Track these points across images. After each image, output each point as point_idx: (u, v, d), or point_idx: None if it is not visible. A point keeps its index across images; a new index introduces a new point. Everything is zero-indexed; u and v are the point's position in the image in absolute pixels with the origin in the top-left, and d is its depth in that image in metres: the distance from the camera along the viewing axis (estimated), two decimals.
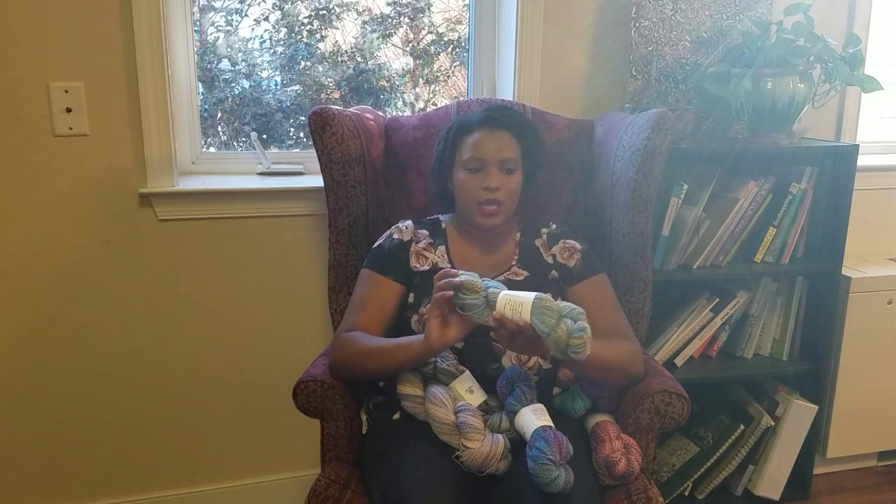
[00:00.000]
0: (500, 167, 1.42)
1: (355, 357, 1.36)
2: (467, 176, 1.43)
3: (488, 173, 1.41)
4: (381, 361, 1.34)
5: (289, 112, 2.11)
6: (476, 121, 1.45)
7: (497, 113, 1.46)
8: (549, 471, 1.14)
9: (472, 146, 1.43)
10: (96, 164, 1.73)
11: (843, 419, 2.18)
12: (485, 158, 1.42)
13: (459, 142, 1.46)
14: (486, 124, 1.43)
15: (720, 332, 1.99)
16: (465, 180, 1.43)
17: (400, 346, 1.32)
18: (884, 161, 2.34)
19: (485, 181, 1.41)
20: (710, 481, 2.01)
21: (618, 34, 1.99)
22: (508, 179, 1.43)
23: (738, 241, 1.92)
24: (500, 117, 1.44)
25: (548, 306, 1.17)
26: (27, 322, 1.77)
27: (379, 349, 1.34)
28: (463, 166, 1.44)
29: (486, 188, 1.41)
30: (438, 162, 1.52)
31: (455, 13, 2.20)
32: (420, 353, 1.28)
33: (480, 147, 1.42)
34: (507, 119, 1.45)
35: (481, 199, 1.41)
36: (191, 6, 1.84)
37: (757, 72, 1.83)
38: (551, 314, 1.16)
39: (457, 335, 1.24)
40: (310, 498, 1.29)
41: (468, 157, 1.43)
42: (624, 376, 1.39)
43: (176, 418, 1.92)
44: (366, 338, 1.37)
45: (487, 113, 1.45)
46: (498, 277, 1.45)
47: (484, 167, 1.42)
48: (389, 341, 1.36)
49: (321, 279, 1.84)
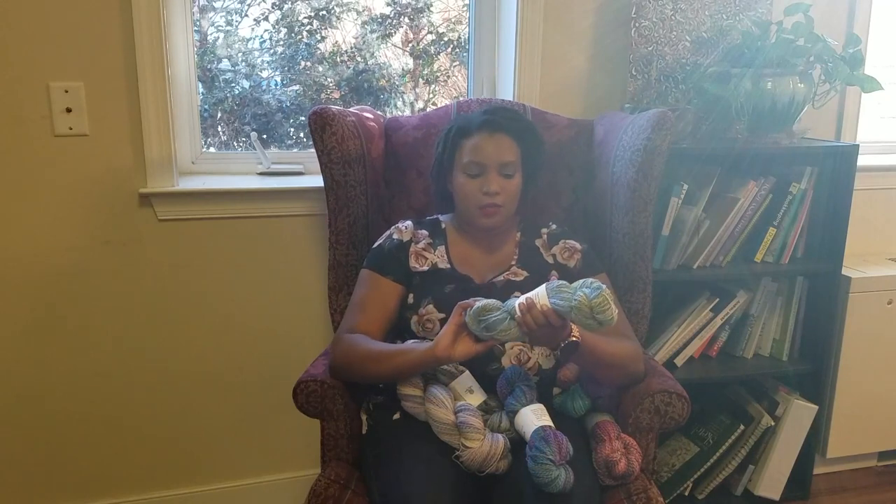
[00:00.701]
0: (500, 171, 1.41)
1: (356, 360, 1.35)
2: (467, 180, 1.43)
3: (488, 178, 1.41)
4: (381, 366, 1.33)
5: (289, 112, 2.11)
6: (475, 124, 1.44)
7: (496, 116, 1.45)
8: (549, 471, 1.14)
9: (471, 150, 1.42)
10: (96, 164, 1.73)
11: (843, 419, 2.18)
12: (484, 163, 1.41)
13: (458, 144, 1.45)
14: (486, 127, 1.43)
15: (720, 332, 1.99)
16: (464, 184, 1.43)
17: (402, 351, 1.32)
18: (884, 161, 2.34)
19: (484, 186, 1.40)
20: (710, 481, 2.01)
21: (618, 34, 1.99)
22: (508, 183, 1.42)
23: (738, 241, 1.92)
24: (500, 120, 1.44)
25: (561, 285, 1.20)
26: (27, 322, 1.77)
27: (380, 353, 1.34)
28: (462, 170, 1.43)
29: (485, 193, 1.40)
30: (438, 164, 1.51)
31: (455, 13, 2.20)
32: (423, 361, 1.28)
33: (480, 151, 1.42)
34: (507, 122, 1.44)
35: (481, 204, 1.41)
36: (191, 6, 1.84)
37: (757, 72, 1.83)
38: (567, 290, 1.19)
39: (464, 353, 1.24)
40: (310, 498, 1.29)
41: (468, 162, 1.42)
42: (625, 374, 1.39)
43: (176, 418, 1.92)
44: (368, 341, 1.37)
45: (487, 116, 1.44)
46: (497, 278, 1.46)
47: (483, 171, 1.41)
48: (392, 346, 1.36)
49: (321, 279, 1.84)
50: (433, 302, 1.41)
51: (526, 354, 1.39)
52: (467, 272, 1.46)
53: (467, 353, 1.24)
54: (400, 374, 1.34)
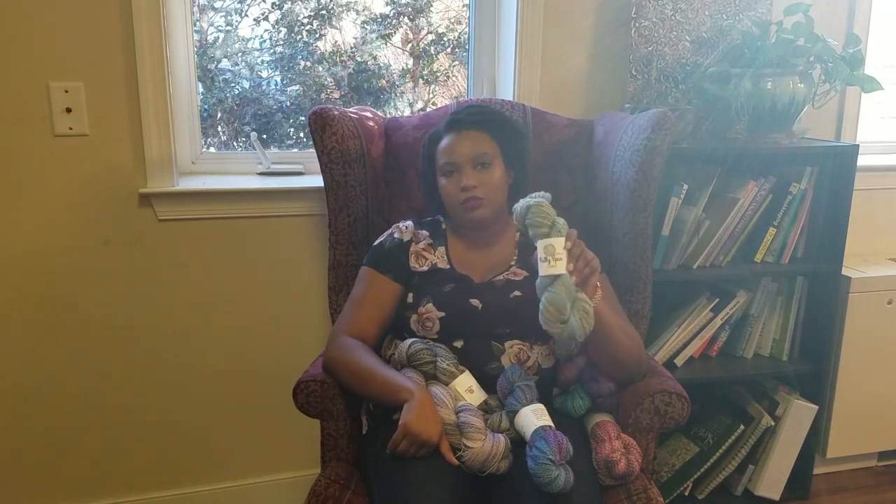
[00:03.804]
0: (473, 164, 1.44)
1: (344, 369, 1.36)
2: (446, 181, 1.46)
3: (462, 174, 1.44)
4: (364, 386, 1.34)
5: (289, 112, 2.11)
6: (443, 128, 1.50)
7: (460, 115, 1.50)
8: (549, 471, 1.14)
9: (443, 152, 1.47)
10: (96, 164, 1.73)
11: (843, 419, 2.18)
12: (456, 161, 1.44)
13: (433, 151, 1.50)
14: (452, 128, 1.47)
15: (720, 332, 1.99)
16: (445, 185, 1.47)
17: (387, 383, 1.30)
18: (884, 161, 2.34)
19: (461, 181, 1.43)
20: (710, 481, 2.01)
21: (618, 34, 1.99)
22: (485, 174, 1.44)
23: (738, 241, 1.92)
24: (464, 118, 1.48)
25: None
26: (27, 322, 1.77)
27: (368, 373, 1.33)
28: (440, 173, 1.48)
29: (462, 189, 1.43)
30: (423, 176, 1.56)
31: (455, 13, 2.20)
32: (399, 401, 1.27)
33: (450, 151, 1.45)
34: (471, 117, 1.48)
35: (461, 200, 1.44)
36: (191, 6, 1.84)
37: (757, 72, 1.83)
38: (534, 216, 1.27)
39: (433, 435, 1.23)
40: (310, 498, 1.29)
41: (442, 163, 1.47)
42: (629, 357, 1.38)
43: (176, 418, 1.92)
44: (362, 353, 1.36)
45: (452, 117, 1.50)
46: (497, 277, 1.46)
47: (458, 169, 1.44)
48: (381, 371, 1.34)
49: (321, 279, 1.84)
50: (433, 300, 1.41)
51: (526, 354, 1.39)
52: (467, 272, 1.46)
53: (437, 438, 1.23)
54: (375, 401, 1.37)
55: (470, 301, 1.40)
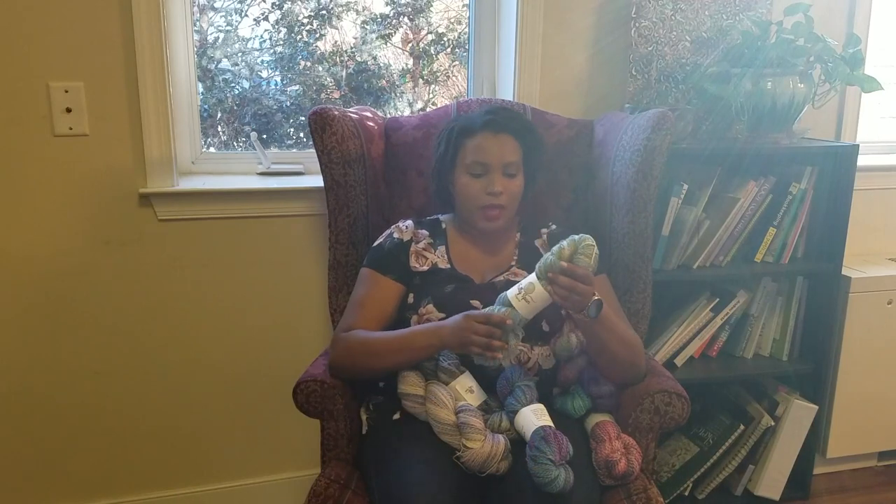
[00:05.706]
0: (504, 171, 1.42)
1: (357, 350, 1.36)
2: (470, 180, 1.43)
3: (492, 178, 1.41)
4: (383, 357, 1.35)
5: (289, 112, 2.11)
6: (479, 123, 1.44)
7: (499, 116, 1.45)
8: (549, 471, 1.14)
9: (474, 150, 1.42)
10: (96, 164, 1.73)
11: (843, 419, 2.18)
12: (488, 163, 1.41)
13: (461, 144, 1.45)
14: (489, 127, 1.43)
15: (720, 332, 1.99)
16: (467, 185, 1.43)
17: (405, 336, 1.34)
18: (884, 161, 2.34)
19: (488, 186, 1.41)
20: (710, 481, 2.01)
21: (618, 34, 1.99)
22: (511, 183, 1.43)
23: (738, 241, 1.92)
24: (503, 120, 1.44)
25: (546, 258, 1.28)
26: (27, 321, 1.77)
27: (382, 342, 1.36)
28: (466, 170, 1.43)
29: (489, 193, 1.40)
30: (439, 163, 1.51)
31: (455, 13, 2.20)
32: (430, 343, 1.31)
33: (483, 151, 1.42)
34: (509, 122, 1.45)
35: (484, 204, 1.41)
36: (191, 6, 1.84)
37: (757, 72, 1.83)
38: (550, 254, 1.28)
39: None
40: (310, 498, 1.29)
41: (471, 162, 1.42)
42: (630, 356, 1.38)
43: (175, 418, 1.92)
44: (366, 334, 1.38)
45: (490, 116, 1.44)
46: (497, 278, 1.46)
47: (487, 171, 1.42)
48: (394, 333, 1.37)
49: (321, 279, 1.84)
50: (433, 301, 1.41)
51: (526, 354, 1.39)
52: (467, 272, 1.46)
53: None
54: (403, 353, 1.35)
55: (470, 302, 1.40)
